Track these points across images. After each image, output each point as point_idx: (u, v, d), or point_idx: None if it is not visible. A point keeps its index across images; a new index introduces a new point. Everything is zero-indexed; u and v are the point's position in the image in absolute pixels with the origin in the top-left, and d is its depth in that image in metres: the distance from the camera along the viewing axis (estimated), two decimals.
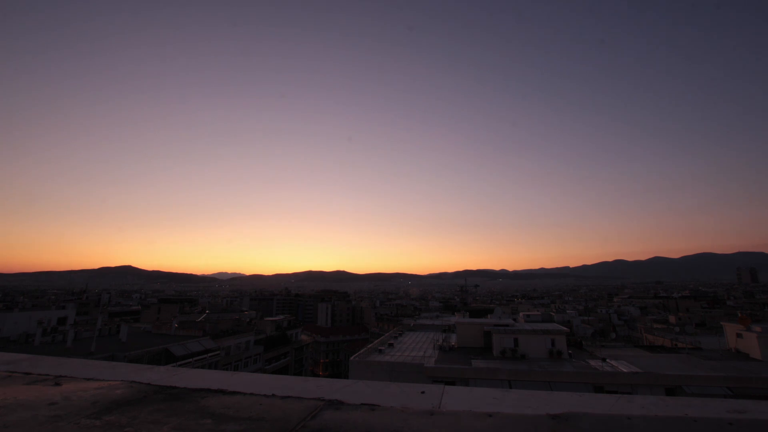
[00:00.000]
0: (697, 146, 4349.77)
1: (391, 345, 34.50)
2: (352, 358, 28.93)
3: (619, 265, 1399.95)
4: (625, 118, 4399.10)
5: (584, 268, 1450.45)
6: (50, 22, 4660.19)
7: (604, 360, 26.97)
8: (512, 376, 24.94)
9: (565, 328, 30.24)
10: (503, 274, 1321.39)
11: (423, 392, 3.01)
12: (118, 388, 3.17)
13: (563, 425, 2.27)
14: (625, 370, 24.50)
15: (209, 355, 40.37)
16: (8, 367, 3.93)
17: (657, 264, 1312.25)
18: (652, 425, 2.26)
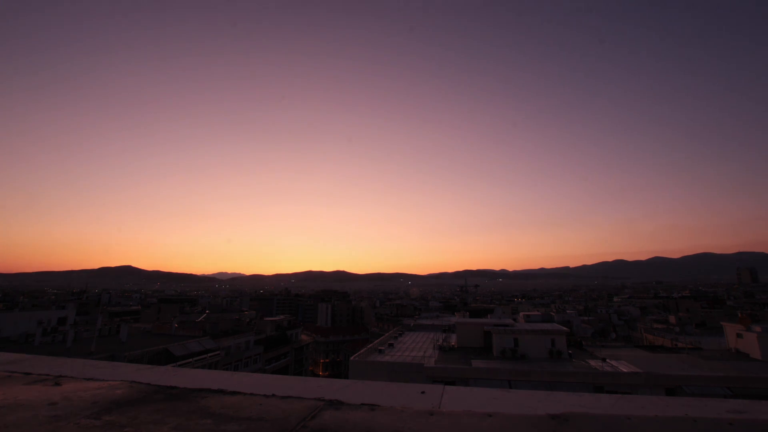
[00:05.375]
0: (697, 146, 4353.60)
1: (391, 345, 34.50)
2: (352, 358, 28.93)
3: (619, 265, 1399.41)
4: (625, 118, 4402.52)
5: (584, 268, 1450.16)
6: (49, 23, 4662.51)
7: (604, 360, 26.96)
8: (512, 376, 24.94)
9: (565, 328, 30.21)
10: (503, 274, 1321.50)
11: (423, 392, 3.01)
12: (118, 388, 3.17)
13: (563, 425, 2.27)
14: (625, 370, 24.49)
15: (209, 355, 40.34)
16: (8, 367, 3.92)
17: (657, 264, 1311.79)
18: (652, 425, 2.25)
